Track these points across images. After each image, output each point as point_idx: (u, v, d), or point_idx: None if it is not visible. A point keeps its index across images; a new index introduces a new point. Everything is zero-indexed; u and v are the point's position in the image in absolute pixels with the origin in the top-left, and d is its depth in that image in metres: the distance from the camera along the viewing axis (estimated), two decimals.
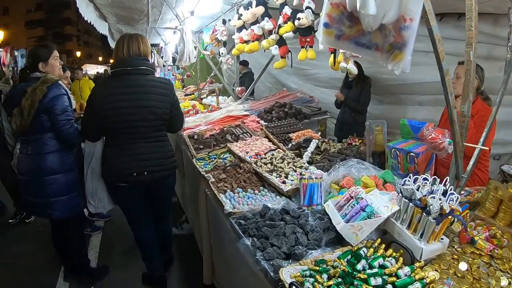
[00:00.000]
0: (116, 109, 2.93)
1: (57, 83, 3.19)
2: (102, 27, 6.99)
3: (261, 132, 4.37)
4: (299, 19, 3.30)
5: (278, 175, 2.98)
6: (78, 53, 52.22)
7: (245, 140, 4.04)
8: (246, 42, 4.47)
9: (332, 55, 3.15)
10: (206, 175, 3.21)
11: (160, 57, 11.17)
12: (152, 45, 11.36)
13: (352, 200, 2.12)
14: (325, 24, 1.86)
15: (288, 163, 3.18)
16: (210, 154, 3.85)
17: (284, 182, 2.84)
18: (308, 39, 3.51)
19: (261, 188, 2.98)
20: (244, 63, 8.44)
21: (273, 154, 3.36)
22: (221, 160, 3.65)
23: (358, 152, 3.34)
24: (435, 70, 1.97)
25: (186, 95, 8.79)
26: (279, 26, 3.68)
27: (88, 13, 5.32)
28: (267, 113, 4.74)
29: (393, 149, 2.77)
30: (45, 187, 3.21)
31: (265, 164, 3.23)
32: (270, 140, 4.02)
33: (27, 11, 51.73)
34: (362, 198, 2.07)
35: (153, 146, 3.13)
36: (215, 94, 7.95)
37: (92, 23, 5.87)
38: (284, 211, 2.35)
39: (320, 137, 4.00)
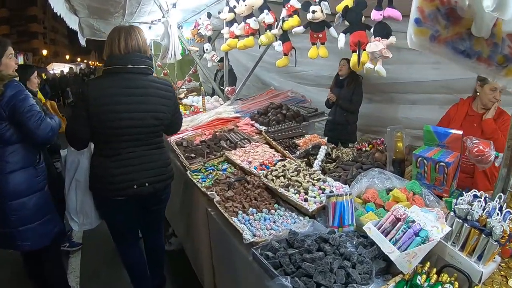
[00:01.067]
0: (116, 112, 2.50)
1: (15, 80, 2.69)
2: (72, 22, 6.21)
3: (259, 137, 3.85)
4: (313, 12, 2.83)
5: (296, 191, 2.51)
6: (45, 52, 49.93)
7: (244, 147, 3.50)
8: (237, 37, 3.98)
9: (354, 54, 2.63)
10: (208, 193, 2.65)
11: None
12: None
13: (401, 223, 1.81)
14: (416, 20, 1.50)
15: (305, 175, 2.67)
16: (205, 164, 3.27)
17: (306, 200, 2.38)
18: (320, 35, 3.04)
19: (276, 206, 2.51)
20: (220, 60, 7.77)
21: (284, 166, 2.81)
22: (220, 172, 3.10)
23: (374, 159, 2.98)
24: (430, 69, 1.78)
25: None
26: (283, 20, 3.22)
27: (58, 4, 4.61)
28: (262, 116, 4.19)
29: (420, 158, 2.43)
30: (9, 214, 2.67)
31: (277, 177, 2.70)
32: (272, 147, 3.53)
33: None
34: (413, 221, 1.77)
35: (154, 153, 2.75)
36: (195, 93, 7.39)
37: (62, 16, 5.13)
38: (322, 239, 1.89)
39: (327, 143, 3.50)
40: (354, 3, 2.57)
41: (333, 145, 3.56)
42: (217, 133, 3.89)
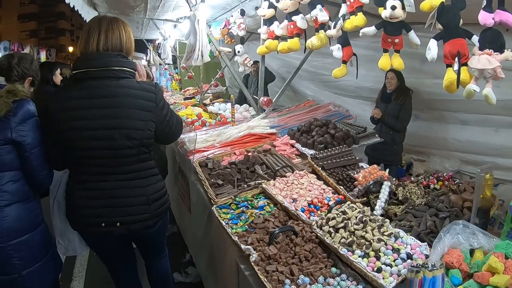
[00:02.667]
0: (76, 129, 2.01)
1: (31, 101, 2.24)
2: (90, 17, 5.62)
3: (303, 162, 3.18)
4: (393, 8, 2.17)
5: (363, 253, 1.85)
6: (71, 49, 49.96)
7: (285, 176, 2.77)
8: (277, 38, 3.34)
9: (450, 69, 1.99)
10: (243, 246, 1.95)
11: (156, 54, 9.80)
12: (148, 40, 10.09)
13: None
14: None
15: (373, 229, 1.94)
16: (236, 198, 2.57)
17: (379, 270, 1.72)
18: (396, 40, 2.36)
19: (333, 270, 1.84)
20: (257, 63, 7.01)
21: (344, 213, 2.09)
22: (256, 212, 2.39)
23: (450, 204, 2.34)
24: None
25: (185, 98, 7.46)
26: (343, 18, 2.57)
27: None
28: (304, 134, 3.46)
29: None
30: (10, 257, 2.13)
31: (336, 228, 1.99)
32: (320, 178, 2.82)
33: (21, 3, 49.80)
34: None
35: (130, 186, 2.16)
36: (221, 100, 6.71)
37: (77, 9, 4.53)
38: None
39: (389, 176, 2.77)
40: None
41: (396, 180, 2.82)
42: (249, 154, 3.18)
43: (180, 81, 9.57)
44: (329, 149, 3.10)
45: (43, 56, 14.67)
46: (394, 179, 2.76)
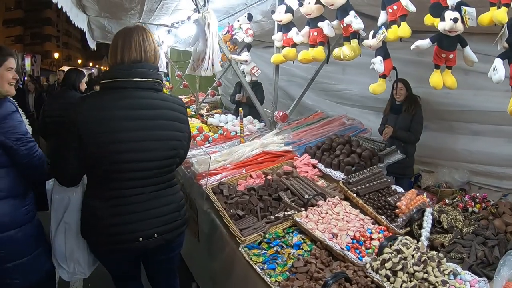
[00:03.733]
0: (116, 142, 1.89)
1: (9, 98, 2.28)
2: (79, 20, 5.13)
3: (331, 187, 2.76)
4: (455, 20, 1.89)
5: None
6: (57, 55, 48.88)
7: (317, 205, 2.33)
8: (294, 45, 3.00)
9: None
10: None
11: None
12: None
13: None
14: None
15: (433, 268, 1.66)
16: (266, 235, 2.12)
17: None
18: (451, 56, 2.10)
19: None
20: None
21: (399, 251, 1.70)
22: (292, 251, 1.98)
23: (495, 230, 2.15)
24: (501, 97, 1.90)
25: None
26: (384, 26, 2.27)
27: None
28: (325, 152, 3.04)
29: None
30: None
31: (393, 271, 1.61)
32: (355, 205, 2.43)
33: (6, 8, 48.56)
34: None
35: (165, 195, 2.10)
36: (219, 110, 6.26)
37: (65, 11, 4.05)
38: None
39: (428, 200, 2.38)
40: None
41: (438, 206, 2.44)
42: (269, 177, 2.74)
43: (172, 90, 9.07)
44: (360, 172, 2.70)
45: (27, 62, 14.04)
46: (437, 206, 2.42)
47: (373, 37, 2.29)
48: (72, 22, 4.82)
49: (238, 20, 3.94)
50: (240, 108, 3.53)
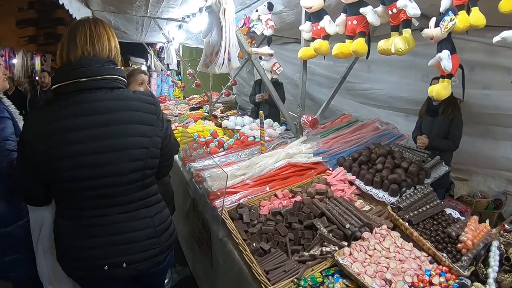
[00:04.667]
0: (66, 157, 1.57)
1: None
2: (82, 15, 4.65)
3: (374, 212, 2.26)
4: None
5: None
6: None
7: (362, 238, 1.84)
8: (326, 37, 2.49)
9: None
10: None
11: (157, 60, 8.82)
12: (148, 44, 9.11)
13: None
14: None
15: None
16: (300, 282, 1.61)
17: None
18: None
19: None
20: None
21: None
22: None
23: None
24: None
25: (192, 109, 6.49)
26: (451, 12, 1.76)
27: None
28: (363, 166, 2.53)
29: None
30: None
31: None
32: (406, 235, 1.96)
33: (19, 9, 48.83)
34: None
35: (135, 217, 1.73)
36: (235, 112, 5.78)
37: (63, 5, 3.60)
38: None
39: (492, 230, 1.90)
40: None
41: (499, 233, 1.94)
42: (299, 198, 2.24)
43: (184, 89, 8.61)
44: (410, 193, 2.21)
45: (37, 62, 13.69)
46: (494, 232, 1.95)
47: (436, 25, 1.79)
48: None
49: (257, 10, 3.43)
50: (261, 112, 3.01)
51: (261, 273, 1.66)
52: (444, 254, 1.76)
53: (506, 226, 2.04)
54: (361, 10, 2.10)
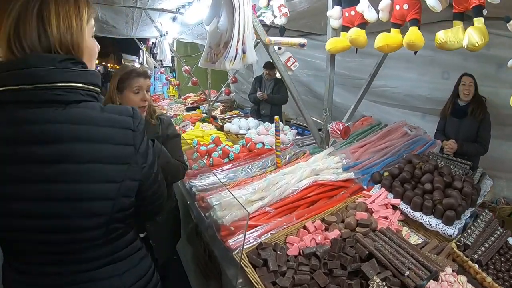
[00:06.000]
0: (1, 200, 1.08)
1: None
2: None
3: (432, 248, 1.73)
4: None
5: None
6: None
7: None
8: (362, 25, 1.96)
9: None
10: None
11: (150, 56, 8.23)
12: (140, 40, 8.50)
13: None
14: None
15: None
16: None
17: None
18: None
19: None
20: (270, 66, 5.51)
21: None
22: None
23: None
24: None
25: (188, 109, 5.93)
26: None
27: None
28: (406, 184, 2.03)
29: None
30: None
31: None
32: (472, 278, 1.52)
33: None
34: None
35: (96, 278, 1.21)
36: (237, 112, 5.25)
37: None
38: None
39: None
40: None
41: None
42: (335, 232, 1.72)
43: (179, 87, 8.04)
44: (474, 224, 1.75)
45: None
46: None
47: None
48: None
49: None
50: (276, 117, 2.46)
51: None
52: None
53: None
54: None
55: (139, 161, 1.17)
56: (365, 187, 2.16)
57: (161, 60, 6.56)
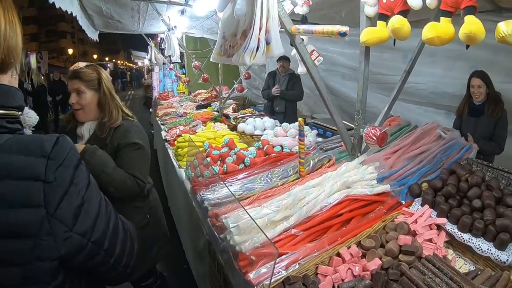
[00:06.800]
0: None
1: None
2: (66, 3, 3.87)
3: (484, 278, 1.42)
4: None
5: None
6: (71, 51, 48.23)
7: None
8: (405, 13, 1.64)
9: None
10: None
11: (159, 52, 7.99)
12: (148, 35, 8.25)
13: None
14: None
15: None
16: None
17: None
18: None
19: None
20: (285, 57, 5.22)
21: None
22: None
23: None
24: None
25: (199, 107, 5.66)
26: None
27: None
28: (451, 199, 1.73)
29: None
30: None
31: None
32: None
33: (20, 7, 48.42)
34: None
35: None
36: (251, 110, 4.96)
37: None
38: None
39: None
40: None
41: None
42: (375, 261, 1.43)
43: (189, 83, 7.78)
44: None
45: (33, 60, 12.87)
46: None
47: None
48: None
49: None
50: (300, 119, 2.15)
51: None
52: None
53: None
54: None
55: (57, 230, 0.83)
56: (403, 202, 1.86)
57: (169, 56, 6.30)
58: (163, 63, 8.41)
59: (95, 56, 54.67)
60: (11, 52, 0.88)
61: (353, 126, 2.17)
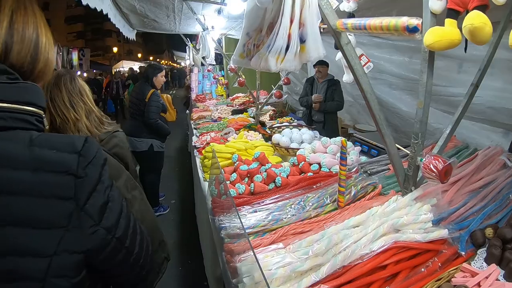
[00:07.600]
0: None
1: None
2: (101, 5, 3.77)
3: None
4: None
5: None
6: (115, 49, 49.75)
7: None
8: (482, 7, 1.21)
9: None
10: None
11: (197, 53, 7.84)
12: (187, 36, 8.15)
13: None
14: None
15: None
16: None
17: None
18: None
19: None
20: (324, 63, 4.90)
21: None
22: None
23: None
24: None
25: (235, 112, 5.40)
26: None
27: None
28: None
29: None
30: None
31: None
32: None
33: (67, 6, 50.74)
34: None
35: None
36: (289, 119, 4.66)
37: None
38: None
39: None
40: None
41: None
42: None
43: (227, 86, 7.57)
44: None
45: (75, 57, 13.17)
46: None
47: None
48: None
49: None
50: (343, 139, 1.79)
51: None
52: None
53: None
54: None
55: (85, 223, 0.89)
56: (463, 253, 1.48)
57: (203, 57, 6.12)
58: (202, 64, 8.28)
59: (139, 55, 56.18)
60: (48, 65, 0.97)
61: (400, 146, 1.81)
